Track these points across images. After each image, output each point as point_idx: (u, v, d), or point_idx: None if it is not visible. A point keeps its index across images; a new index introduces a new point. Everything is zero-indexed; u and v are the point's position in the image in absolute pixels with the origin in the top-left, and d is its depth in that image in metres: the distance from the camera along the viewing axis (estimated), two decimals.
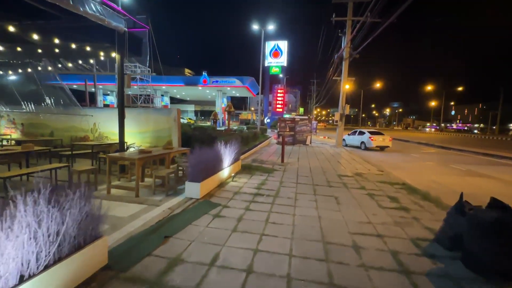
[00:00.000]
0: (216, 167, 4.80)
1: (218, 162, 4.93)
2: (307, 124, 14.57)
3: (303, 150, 12.10)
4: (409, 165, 9.21)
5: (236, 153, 6.19)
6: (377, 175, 6.77)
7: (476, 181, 6.89)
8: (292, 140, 14.52)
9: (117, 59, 4.78)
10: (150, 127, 7.39)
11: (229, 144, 6.00)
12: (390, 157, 11.43)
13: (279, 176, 6.03)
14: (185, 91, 34.06)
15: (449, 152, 14.34)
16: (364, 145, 14.00)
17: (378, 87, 43.39)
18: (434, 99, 69.56)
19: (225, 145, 5.69)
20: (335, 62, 15.63)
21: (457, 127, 76.79)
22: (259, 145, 12.18)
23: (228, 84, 26.81)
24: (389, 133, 38.56)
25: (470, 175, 7.63)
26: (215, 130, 12.30)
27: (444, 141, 21.64)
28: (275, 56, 36.77)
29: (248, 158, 8.74)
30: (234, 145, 6.22)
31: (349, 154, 11.02)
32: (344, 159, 9.53)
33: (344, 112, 14.32)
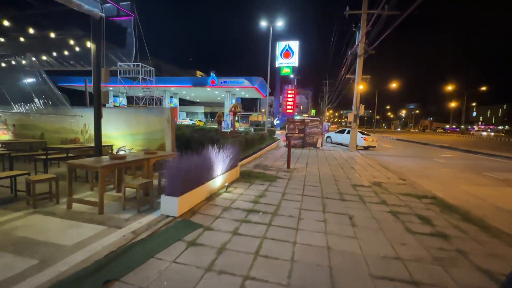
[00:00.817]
0: (204, 176, 4.00)
1: (207, 170, 4.14)
2: (318, 126, 13.58)
3: (313, 154, 11.14)
4: (435, 173, 8.07)
5: (233, 158, 5.38)
6: (399, 185, 5.76)
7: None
8: (302, 143, 13.57)
9: (92, 49, 4.11)
10: (141, 128, 6.72)
11: (227, 148, 5.21)
12: (411, 162, 10.27)
13: (283, 186, 5.16)
14: (194, 93, 33.73)
15: (477, 157, 12.92)
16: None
17: (394, 88, 41.54)
18: (454, 100, 66.23)
19: (220, 149, 4.90)
20: (349, 60, 14.57)
21: (479, 129, 72.72)
22: (265, 148, 11.33)
23: (237, 85, 26.15)
24: (405, 136, 36.67)
25: (511, 186, 6.46)
26: (218, 132, 11.57)
27: (469, 144, 19.96)
28: (286, 56, 35.99)
29: (250, 163, 7.91)
30: (231, 149, 5.42)
31: (364, 159, 9.96)
32: (359, 164, 8.51)
33: (358, 113, 13.23)
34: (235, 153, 5.61)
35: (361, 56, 13.16)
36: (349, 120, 13.50)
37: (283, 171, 6.75)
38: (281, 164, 7.80)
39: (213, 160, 4.42)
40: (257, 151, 10.11)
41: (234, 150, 5.60)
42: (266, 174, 6.19)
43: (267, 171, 6.58)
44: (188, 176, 3.42)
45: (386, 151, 14.80)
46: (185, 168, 3.40)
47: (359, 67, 13.26)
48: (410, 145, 19.58)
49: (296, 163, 8.29)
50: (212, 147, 5.04)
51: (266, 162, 8.21)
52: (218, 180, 4.55)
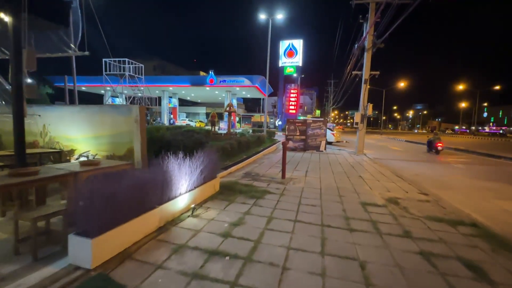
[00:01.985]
0: (153, 198, 2.85)
1: (160, 188, 2.99)
2: (321, 127, 12.34)
3: (315, 158, 9.91)
4: (456, 182, 6.78)
5: (209, 168, 4.23)
6: (421, 202, 4.52)
7: None
8: (303, 146, 12.34)
9: (10, 24, 3.02)
10: (106, 130, 5.62)
11: (206, 154, 4.08)
12: (426, 168, 8.96)
13: (271, 206, 3.97)
14: (194, 92, 32.72)
15: (499, 161, 11.50)
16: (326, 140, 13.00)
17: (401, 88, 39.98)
18: (464, 100, 64.05)
19: (192, 156, 3.78)
20: (355, 54, 13.31)
21: (490, 130, 70.18)
22: (262, 152, 10.15)
23: (237, 84, 25.02)
24: (413, 137, 34.92)
25: None
26: (209, 134, 10.45)
27: (485, 147, 18.43)
28: (289, 56, 34.79)
29: (240, 170, 6.74)
30: (211, 156, 4.28)
31: (373, 165, 8.70)
32: (368, 172, 7.27)
33: (366, 112, 11.95)
34: (213, 161, 4.46)
35: (369, 50, 11.90)
36: (356, 121, 12.23)
37: (276, 182, 5.56)
38: (276, 172, 6.61)
39: (173, 173, 3.27)
40: (251, 155, 8.94)
41: (213, 157, 4.46)
42: (254, 187, 5.01)
43: (256, 182, 5.40)
44: (117, 201, 2.27)
45: (395, 154, 13.48)
46: (113, 189, 2.25)
47: (367, 62, 12.00)
48: (421, 148, 18.15)
49: (294, 170, 7.09)
50: (196, 152, 3.96)
51: (259, 169, 7.03)
52: (181, 200, 3.40)
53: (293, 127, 12.44)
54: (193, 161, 3.88)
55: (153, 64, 56.49)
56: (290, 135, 12.47)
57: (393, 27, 9.34)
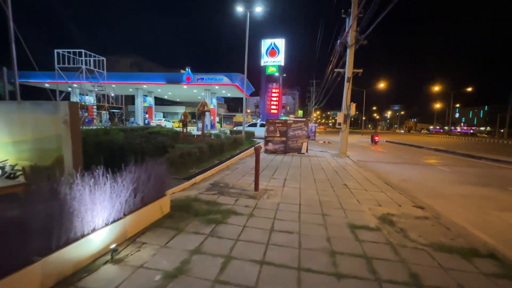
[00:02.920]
0: (32, 245, 1.77)
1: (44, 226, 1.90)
2: (303, 128, 11.55)
3: (295, 162, 9.06)
4: (448, 188, 6.17)
5: (153, 184, 3.17)
6: (419, 220, 3.74)
7: None
8: (284, 148, 11.49)
9: None
10: (28, 133, 4.35)
11: (158, 163, 3.04)
12: (412, 172, 8.40)
13: (234, 235, 2.99)
14: (171, 91, 31.03)
15: (482, 163, 11.30)
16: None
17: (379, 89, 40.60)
18: (438, 101, 66.79)
19: (151, 164, 2.73)
20: (338, 51, 12.67)
21: (461, 130, 73.89)
22: (238, 156, 9.16)
23: (216, 82, 23.81)
24: (391, 137, 35.50)
25: None
26: (178, 136, 9.28)
27: (462, 147, 18.64)
28: (271, 55, 34.06)
29: (206, 180, 5.70)
30: (153, 167, 3.24)
31: (358, 170, 7.98)
32: (353, 179, 6.49)
33: (349, 112, 11.32)
34: (161, 174, 3.40)
35: (352, 46, 11.27)
36: (338, 121, 11.56)
37: (247, 196, 4.58)
38: (250, 182, 5.64)
39: (80, 197, 2.19)
40: (224, 160, 7.91)
41: (160, 168, 3.41)
42: (217, 205, 4.00)
43: (222, 198, 4.39)
44: None
45: (378, 155, 13.01)
46: None
47: (349, 59, 11.37)
48: (402, 148, 18.01)
49: (271, 178, 6.15)
50: (155, 159, 2.93)
51: (230, 178, 6.03)
52: (95, 239, 2.32)
53: (273, 128, 11.55)
54: (127, 174, 2.82)
55: (130, 61, 53.70)
56: (269, 137, 11.58)
57: (376, 21, 8.74)
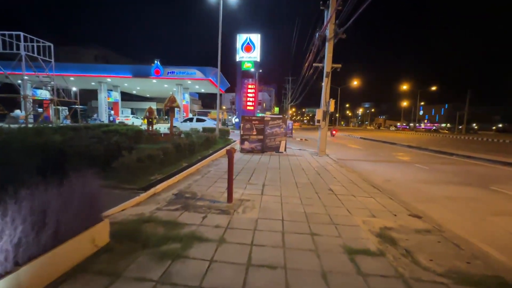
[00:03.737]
0: None
1: None
2: (281, 125, 10.88)
3: (274, 163, 8.35)
4: (434, 190, 5.83)
5: (75, 206, 2.19)
6: (421, 235, 3.17)
7: None
8: (261, 147, 10.74)
9: None
10: None
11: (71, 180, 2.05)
12: (393, 171, 8.10)
13: (196, 275, 2.12)
14: (139, 85, 28.79)
15: (456, 160, 11.50)
16: None
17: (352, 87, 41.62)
18: (405, 99, 70.60)
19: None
20: (316, 45, 12.15)
21: (425, 126, 79.05)
22: (210, 157, 8.22)
23: (188, 76, 22.34)
24: (363, 133, 36.50)
25: None
26: (141, 135, 8.10)
27: (430, 143, 19.35)
28: (247, 50, 33.14)
29: (170, 189, 4.73)
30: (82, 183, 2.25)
31: (340, 170, 7.47)
32: (337, 182, 5.91)
33: (328, 109, 10.85)
34: (94, 190, 2.43)
35: (330, 40, 10.78)
36: (317, 118, 11.05)
37: (218, 210, 3.71)
38: (223, 190, 4.76)
39: None
40: (195, 162, 6.95)
41: (94, 183, 2.43)
42: (178, 226, 3.09)
43: (185, 215, 3.48)
44: None
45: (356, 153, 12.82)
46: None
47: (328, 53, 10.87)
48: (377, 145, 18.21)
49: (247, 184, 5.33)
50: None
51: (199, 185, 5.11)
52: None
53: (249, 125, 10.74)
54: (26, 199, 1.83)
55: (95, 53, 49.49)
56: (245, 135, 10.75)
57: (356, 14, 8.25)
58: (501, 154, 12.74)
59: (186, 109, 28.86)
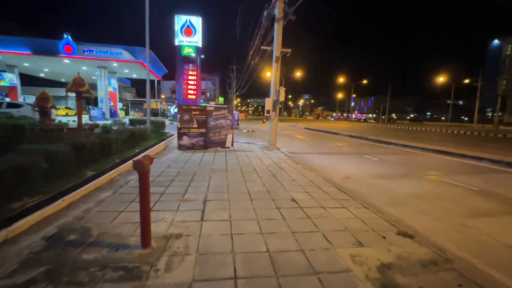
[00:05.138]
0: None
1: None
2: (227, 116, 9.38)
3: (219, 162, 6.88)
4: (397, 188, 5.32)
5: None
6: (431, 271, 2.22)
7: None
8: (203, 142, 9.08)
9: None
10: None
11: None
12: (347, 164, 7.59)
13: None
14: (47, 66, 22.95)
15: (396, 149, 12.01)
16: None
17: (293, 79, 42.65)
18: (339, 92, 76.96)
19: None
20: (264, 26, 10.89)
21: (356, 116, 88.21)
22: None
23: (113, 57, 18.53)
24: (306, 123, 38.00)
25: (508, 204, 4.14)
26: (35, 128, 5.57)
27: (365, 132, 20.72)
28: (187, 34, 29.87)
29: (47, 223, 2.82)
30: None
31: (296, 168, 6.49)
32: (298, 185, 4.83)
33: (278, 98, 9.82)
34: None
35: (280, 21, 9.64)
36: (267, 108, 9.93)
37: (119, 270, 2.08)
38: (135, 221, 3.07)
39: None
40: (108, 169, 4.96)
41: None
42: None
43: None
44: None
45: (304, 144, 12.34)
46: None
47: (277, 35, 9.74)
48: (323, 136, 18.45)
49: (181, 203, 3.75)
50: None
51: (101, 211, 3.30)
52: None
53: (188, 116, 8.92)
54: None
55: None
56: (184, 128, 8.91)
57: None
58: (427, 142, 14.02)
59: (114, 98, 24.46)
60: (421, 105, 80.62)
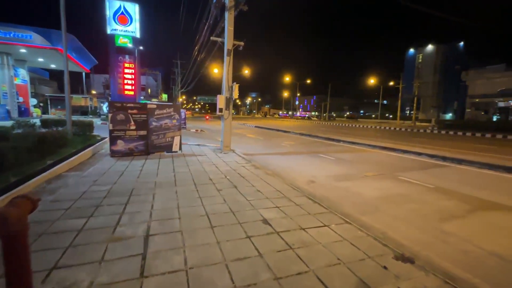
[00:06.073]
0: None
1: None
2: (173, 115, 8.05)
3: (165, 172, 5.66)
4: (363, 191, 5.07)
5: None
6: None
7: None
8: (144, 147, 7.60)
9: None
10: None
11: None
12: (305, 164, 7.24)
13: None
14: None
15: (350, 147, 12.42)
16: None
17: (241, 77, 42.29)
18: (285, 91, 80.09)
19: None
20: (213, 15, 9.80)
21: (300, 114, 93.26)
22: (45, 173, 4.56)
23: (18, 41, 14.71)
24: (255, 122, 38.00)
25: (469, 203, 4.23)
26: None
27: (314, 130, 21.53)
28: (122, 22, 26.21)
29: None
30: None
31: (257, 174, 5.76)
32: (265, 197, 4.09)
33: (232, 94, 8.94)
34: None
35: (231, 9, 8.74)
36: (219, 106, 8.95)
37: None
38: None
39: None
40: None
41: None
42: None
43: None
44: None
45: (258, 144, 11.80)
46: None
47: (229, 25, 8.83)
48: (274, 134, 18.31)
49: (108, 244, 2.59)
50: None
51: None
52: None
53: (123, 115, 7.31)
54: None
55: None
56: (118, 130, 7.28)
57: None
58: (369, 138, 15.08)
59: (24, 92, 19.72)
60: (355, 104, 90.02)
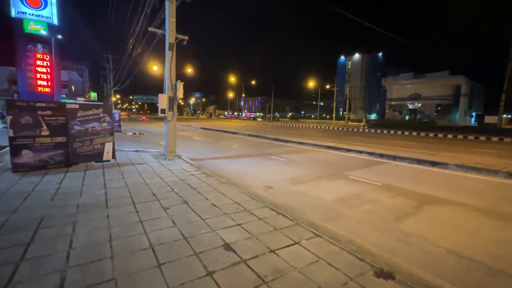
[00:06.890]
0: None
1: None
2: (103, 118, 6.69)
3: (92, 190, 4.54)
4: (320, 194, 5.00)
5: None
6: None
7: (469, 221, 3.68)
8: (64, 157, 6.09)
9: None
10: None
11: None
12: (260, 169, 6.94)
13: None
14: None
15: (293, 146, 12.66)
16: None
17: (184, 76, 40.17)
18: (230, 91, 79.69)
19: None
20: (150, 2, 8.63)
21: (246, 115, 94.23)
22: None
23: None
24: (200, 123, 36.60)
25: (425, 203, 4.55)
26: None
27: (262, 130, 21.70)
28: (32, 4, 21.48)
29: None
30: None
31: (211, 184, 5.14)
32: (222, 213, 3.53)
33: (176, 94, 8.01)
34: None
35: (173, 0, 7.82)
36: (161, 107, 7.91)
37: None
38: None
39: None
40: None
41: None
42: None
43: None
44: None
45: (207, 147, 11.06)
46: None
47: (170, 17, 7.88)
48: (222, 136, 17.67)
49: None
50: None
51: None
52: None
53: (31, 118, 5.69)
54: None
55: None
56: (23, 138, 5.63)
57: None
58: (314, 138, 15.84)
59: None
60: (296, 105, 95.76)
